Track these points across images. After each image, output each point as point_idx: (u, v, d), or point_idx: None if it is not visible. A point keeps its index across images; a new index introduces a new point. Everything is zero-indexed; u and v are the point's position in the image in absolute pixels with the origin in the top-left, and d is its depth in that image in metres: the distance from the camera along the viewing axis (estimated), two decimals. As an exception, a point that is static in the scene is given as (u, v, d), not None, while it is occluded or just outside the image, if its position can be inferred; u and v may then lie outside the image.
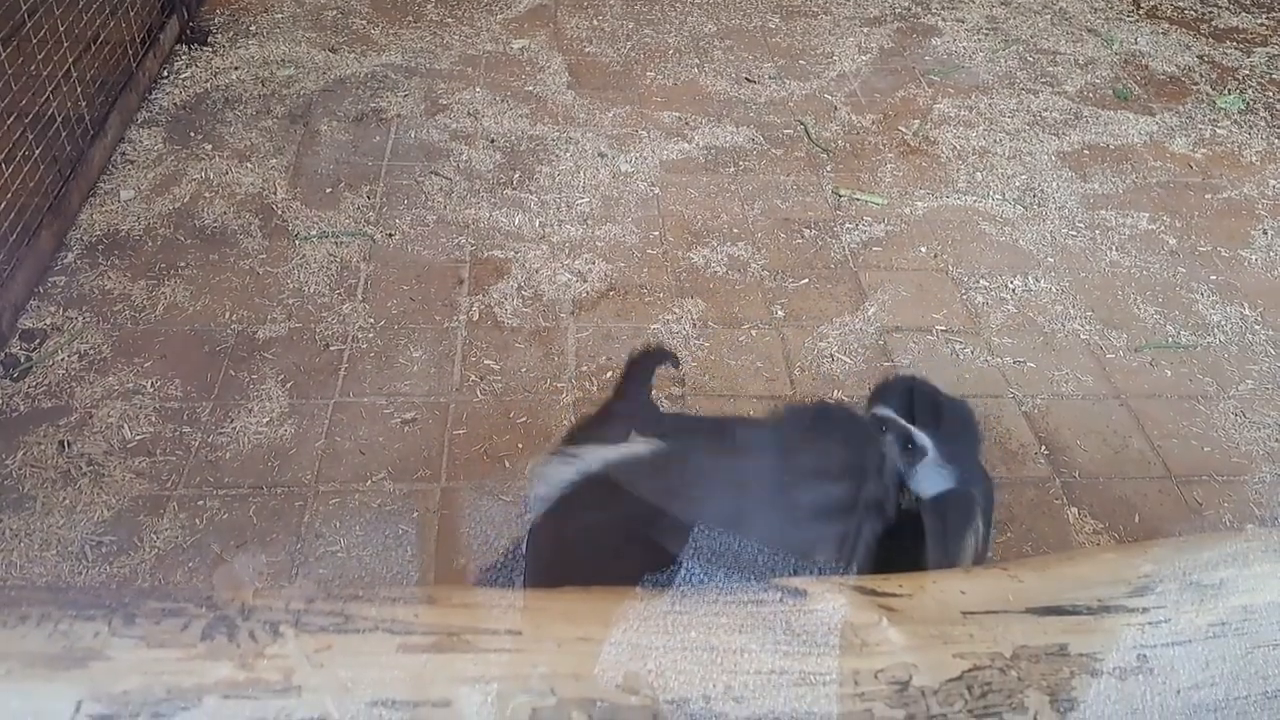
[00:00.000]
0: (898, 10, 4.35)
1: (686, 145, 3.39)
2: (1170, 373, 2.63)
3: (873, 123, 3.59)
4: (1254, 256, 3.06)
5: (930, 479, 1.68)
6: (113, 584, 1.94)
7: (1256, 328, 2.79)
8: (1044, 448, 2.39)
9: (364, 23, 3.96)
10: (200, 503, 2.12)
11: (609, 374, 2.49)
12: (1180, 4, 4.54)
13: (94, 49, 3.21)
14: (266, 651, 1.12)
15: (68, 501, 2.10)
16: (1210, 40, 4.25)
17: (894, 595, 1.40)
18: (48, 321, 2.52)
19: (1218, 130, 3.67)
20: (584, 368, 2.51)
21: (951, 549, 1.66)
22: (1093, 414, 2.49)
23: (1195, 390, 2.58)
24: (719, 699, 1.22)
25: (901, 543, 1.62)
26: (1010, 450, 2.38)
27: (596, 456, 1.58)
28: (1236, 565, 1.44)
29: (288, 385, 2.41)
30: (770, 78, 3.81)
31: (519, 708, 1.16)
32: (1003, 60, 4.01)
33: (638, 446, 1.61)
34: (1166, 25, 4.35)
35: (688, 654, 1.25)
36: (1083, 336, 2.72)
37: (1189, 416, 2.50)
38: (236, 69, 3.60)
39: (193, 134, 3.25)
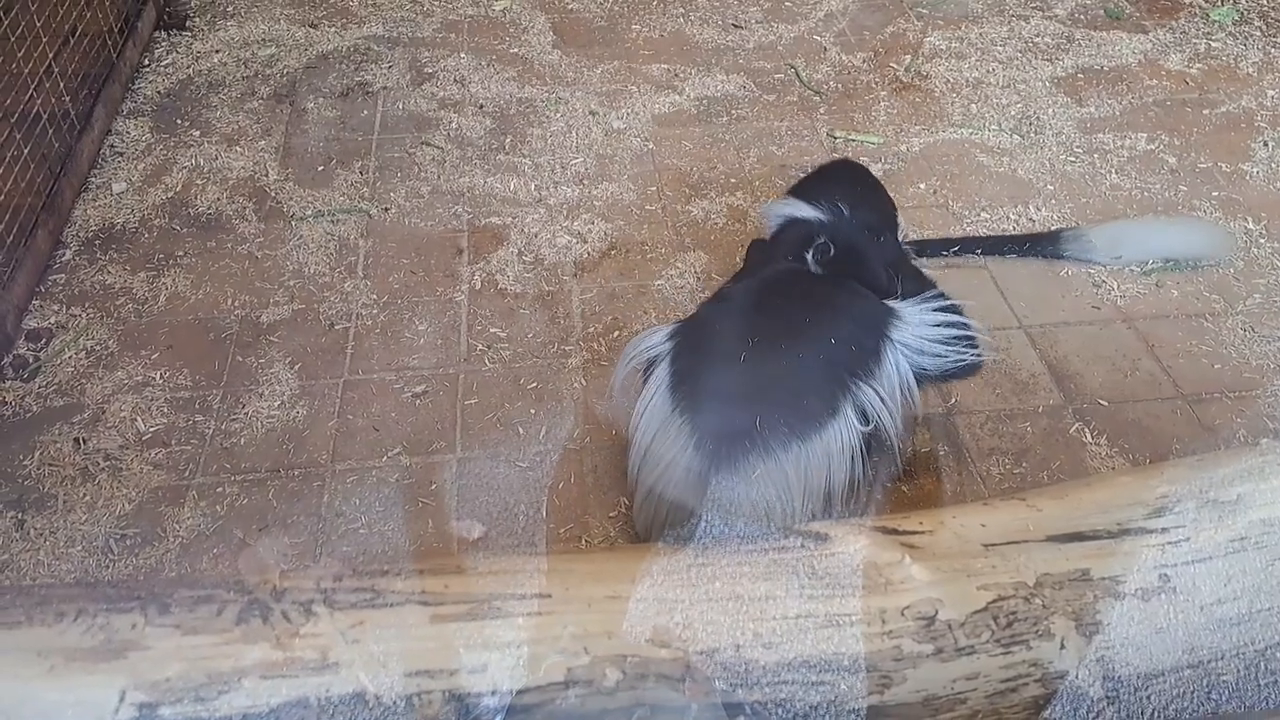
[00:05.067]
0: (881, -56, 4.27)
1: (677, 97, 3.36)
2: (1176, 292, 2.62)
3: (864, 61, 3.55)
4: (1255, 170, 3.03)
5: None
6: (141, 575, 1.97)
7: (1261, 241, 2.77)
8: (1054, 376, 2.39)
9: (342, -5, 3.91)
10: (219, 490, 2.14)
11: (616, 333, 2.49)
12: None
13: (73, 42, 3.18)
14: (301, 631, 1.14)
15: (88, 498, 2.12)
16: (1200, -48, 4.18)
17: (915, 533, 1.42)
18: (52, 320, 2.52)
19: (1212, 44, 3.62)
20: (590, 329, 2.51)
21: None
22: (1101, 339, 2.49)
23: (1202, 308, 2.57)
24: (749, 646, 1.24)
25: None
26: (1020, 381, 2.38)
27: None
28: (1253, 480, 1.45)
29: (296, 367, 2.41)
30: (757, 22, 3.76)
31: (553, 667, 1.18)
32: (990, -13, 3.95)
33: None
34: (1155, -61, 4.28)
35: (715, 605, 1.27)
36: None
37: (1197, 335, 2.50)
38: (217, 52, 3.56)
39: (179, 121, 3.23)
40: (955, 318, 2.05)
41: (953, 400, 2.33)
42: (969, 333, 2.10)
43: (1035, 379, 2.39)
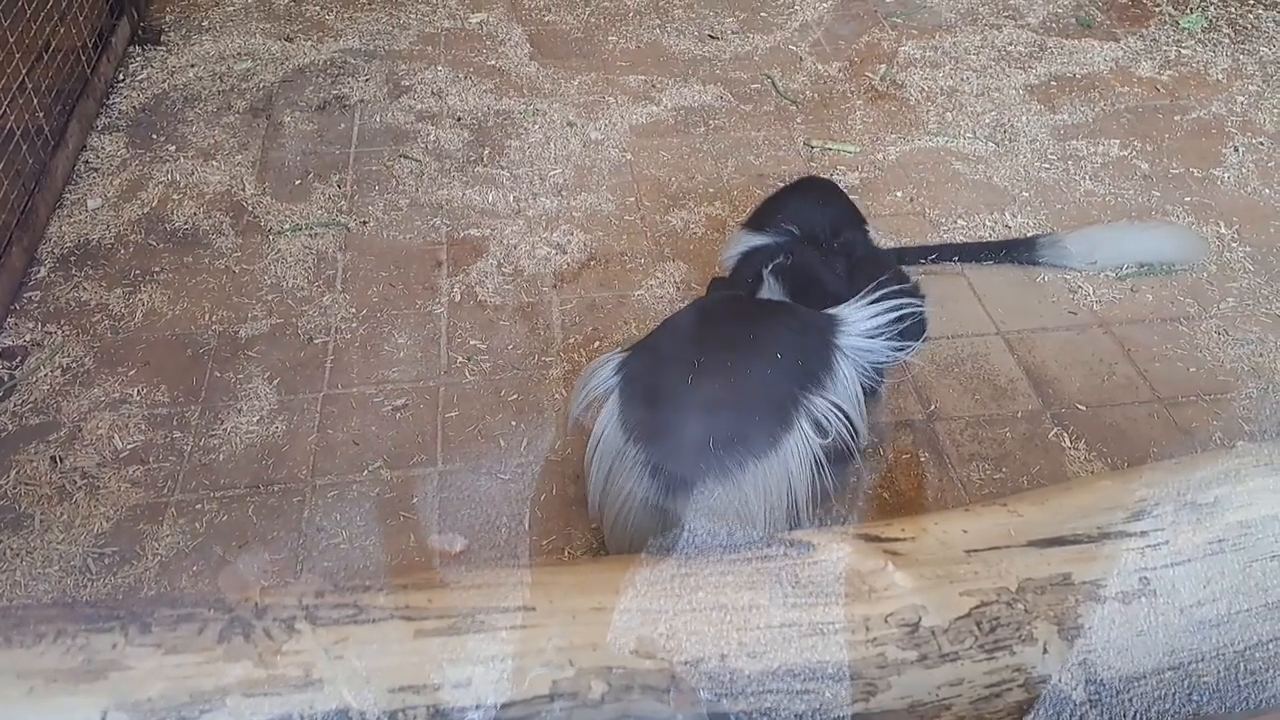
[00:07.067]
0: (855, -46, 4.30)
1: (655, 108, 3.37)
2: (1151, 297, 2.65)
3: (839, 71, 3.57)
4: (1226, 175, 3.07)
5: None
6: (120, 594, 1.95)
7: (1233, 245, 2.81)
8: (1032, 381, 2.41)
9: (317, 8, 3.90)
10: (198, 507, 2.12)
11: (596, 344, 2.49)
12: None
13: (46, 58, 3.15)
14: (284, 648, 1.13)
15: (65, 517, 2.09)
16: (1168, -39, 4.24)
17: (897, 540, 1.42)
18: (27, 338, 2.50)
19: (1182, 51, 3.67)
20: (570, 339, 2.51)
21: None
22: (1078, 344, 2.51)
23: (1177, 312, 2.60)
24: (734, 655, 1.24)
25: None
26: (999, 386, 2.40)
27: None
28: (1230, 482, 1.46)
29: (275, 382, 2.40)
30: (733, 33, 3.78)
31: (537, 680, 1.18)
32: (963, -3, 3.99)
33: None
34: (1124, -51, 4.33)
35: (699, 614, 1.27)
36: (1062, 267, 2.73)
37: (1173, 339, 2.53)
38: (193, 66, 3.55)
39: (155, 136, 3.21)
40: (895, 300, 2.02)
41: (932, 407, 2.35)
42: (915, 310, 2.11)
43: (1014, 384, 2.41)
